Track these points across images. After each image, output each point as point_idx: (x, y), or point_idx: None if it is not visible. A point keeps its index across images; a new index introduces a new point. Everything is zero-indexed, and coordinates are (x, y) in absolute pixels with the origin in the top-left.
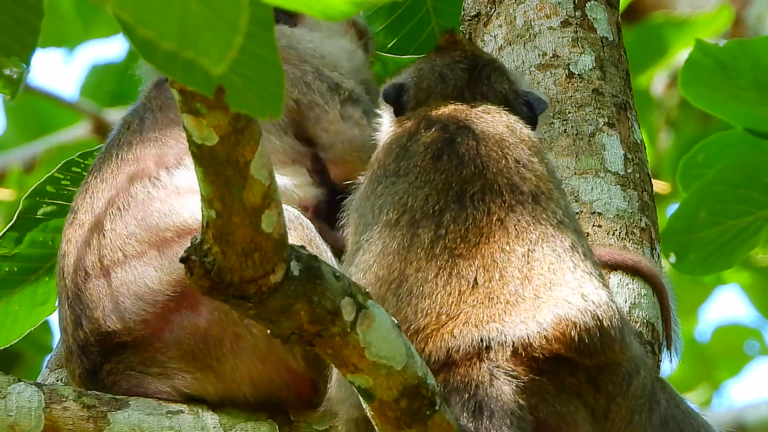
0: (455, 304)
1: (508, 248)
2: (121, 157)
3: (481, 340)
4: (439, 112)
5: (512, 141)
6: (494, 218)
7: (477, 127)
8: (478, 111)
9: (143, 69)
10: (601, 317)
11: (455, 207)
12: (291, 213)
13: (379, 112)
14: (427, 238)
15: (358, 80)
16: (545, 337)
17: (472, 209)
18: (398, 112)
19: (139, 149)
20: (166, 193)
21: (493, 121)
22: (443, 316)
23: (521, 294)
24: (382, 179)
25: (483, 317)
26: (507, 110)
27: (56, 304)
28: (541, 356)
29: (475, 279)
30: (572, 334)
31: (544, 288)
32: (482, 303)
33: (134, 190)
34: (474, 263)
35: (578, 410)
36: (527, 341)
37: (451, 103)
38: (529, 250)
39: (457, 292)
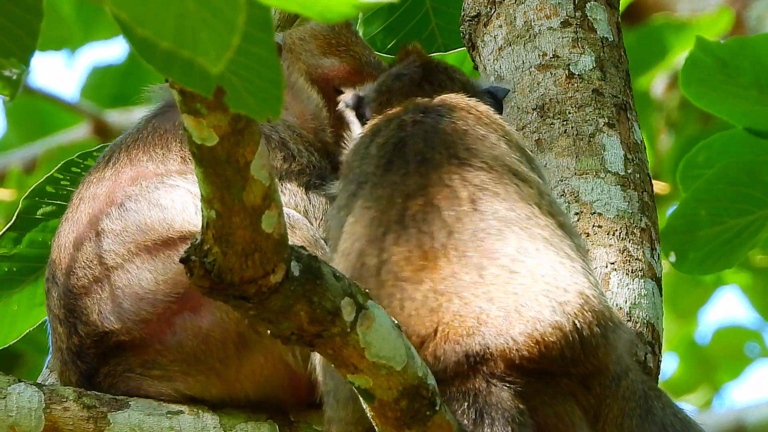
0: (424, 325)
1: (456, 277)
2: (117, 163)
3: (467, 356)
4: (400, 108)
5: (462, 128)
6: (437, 245)
7: (429, 122)
8: (436, 101)
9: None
10: (579, 327)
11: (397, 228)
12: (293, 214)
13: (349, 120)
14: (374, 264)
15: (317, 139)
16: (524, 357)
17: (416, 232)
18: (360, 118)
19: (136, 157)
20: (153, 196)
21: (448, 107)
22: (414, 337)
23: (489, 312)
24: (348, 186)
25: (461, 331)
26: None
27: (46, 324)
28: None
29: (425, 301)
30: (552, 353)
31: (510, 307)
32: (456, 319)
33: (129, 193)
34: (422, 287)
35: (574, 410)
36: (508, 356)
37: (412, 98)
38: (479, 275)
39: (425, 311)
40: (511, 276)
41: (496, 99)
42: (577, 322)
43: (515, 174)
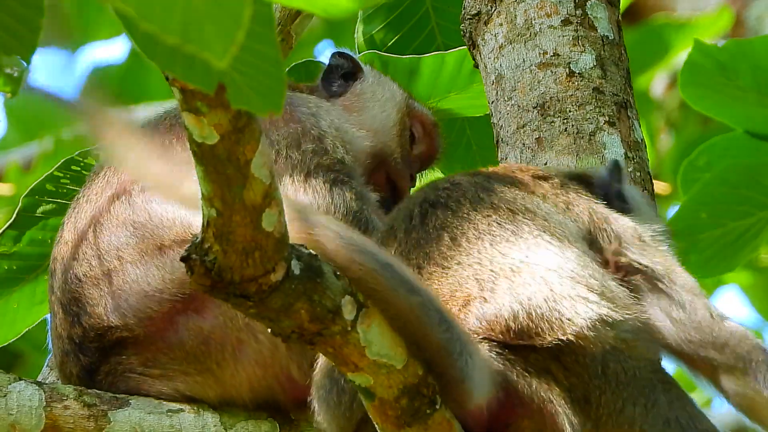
0: None
1: (423, 273)
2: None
3: None
4: None
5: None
6: (434, 256)
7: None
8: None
9: None
10: (525, 303)
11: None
12: None
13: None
14: None
15: (377, 140)
16: (471, 330)
17: (413, 256)
18: None
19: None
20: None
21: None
22: None
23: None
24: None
25: None
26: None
27: (46, 323)
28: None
29: None
30: (495, 328)
31: (457, 289)
32: None
33: (132, 193)
34: None
35: (552, 387)
36: None
37: None
38: (445, 267)
39: None
40: (470, 260)
41: (603, 186)
42: (522, 298)
43: (522, 208)
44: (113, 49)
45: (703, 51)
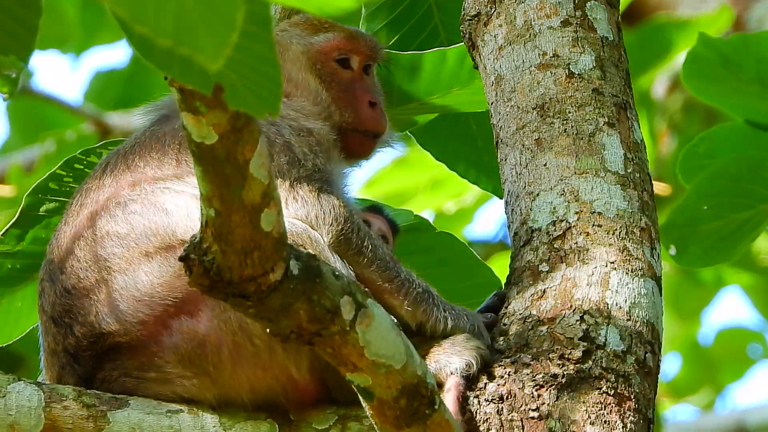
0: None
1: None
2: (115, 169)
3: None
4: None
5: None
6: None
7: None
8: None
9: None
10: None
11: None
12: (298, 227)
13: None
14: None
15: (324, 123)
16: None
17: None
18: None
19: (128, 168)
20: (158, 200)
21: None
22: None
23: None
24: None
25: None
26: None
27: (38, 330)
28: None
29: None
30: None
31: None
32: None
33: (133, 197)
34: None
35: None
36: None
37: None
38: None
39: None
40: None
41: None
42: None
43: None
44: (116, 53)
45: (708, 44)
